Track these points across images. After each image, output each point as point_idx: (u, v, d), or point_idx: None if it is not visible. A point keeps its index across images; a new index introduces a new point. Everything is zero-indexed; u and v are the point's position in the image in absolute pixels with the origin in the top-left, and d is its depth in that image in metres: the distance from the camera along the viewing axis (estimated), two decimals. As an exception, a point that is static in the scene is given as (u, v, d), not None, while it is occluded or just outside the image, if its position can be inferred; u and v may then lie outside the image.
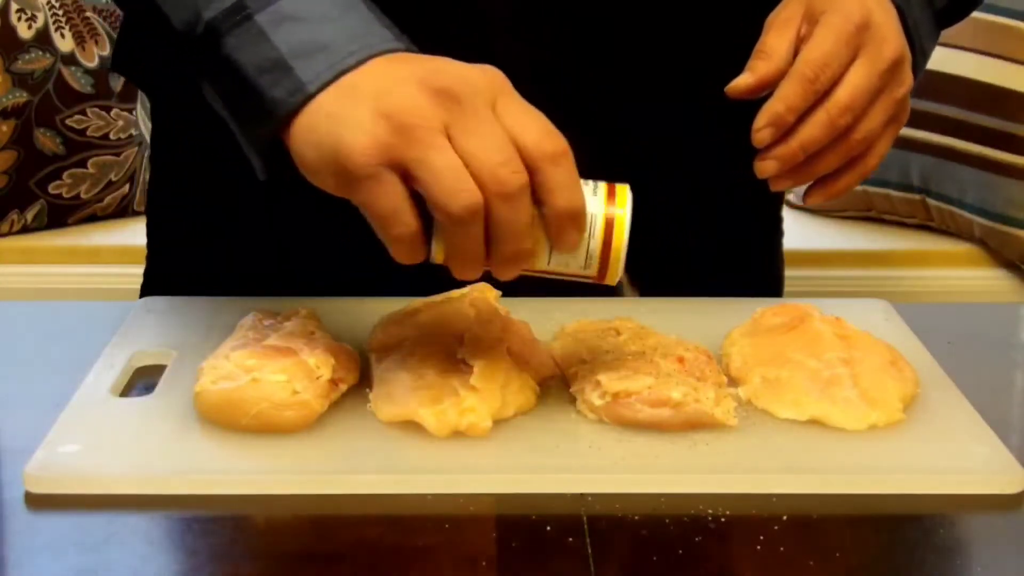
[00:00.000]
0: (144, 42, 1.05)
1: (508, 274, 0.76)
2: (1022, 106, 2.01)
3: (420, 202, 0.74)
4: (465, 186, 0.72)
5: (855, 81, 0.86)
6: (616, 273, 0.78)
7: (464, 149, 0.72)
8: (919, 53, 0.93)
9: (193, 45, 0.81)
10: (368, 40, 0.77)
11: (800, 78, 0.85)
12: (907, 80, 0.89)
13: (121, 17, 1.07)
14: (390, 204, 0.73)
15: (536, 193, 0.73)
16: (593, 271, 0.78)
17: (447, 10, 0.94)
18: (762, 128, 0.85)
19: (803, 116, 0.86)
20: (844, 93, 0.86)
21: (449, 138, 0.72)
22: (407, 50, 0.78)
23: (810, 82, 0.85)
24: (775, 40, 0.88)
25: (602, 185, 0.78)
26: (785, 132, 0.86)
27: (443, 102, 0.72)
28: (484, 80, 0.74)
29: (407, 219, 0.74)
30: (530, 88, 0.77)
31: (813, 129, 0.86)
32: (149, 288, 1.11)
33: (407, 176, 0.73)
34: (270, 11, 0.79)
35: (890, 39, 0.87)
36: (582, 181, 0.76)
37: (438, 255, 0.76)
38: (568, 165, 0.74)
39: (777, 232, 1.16)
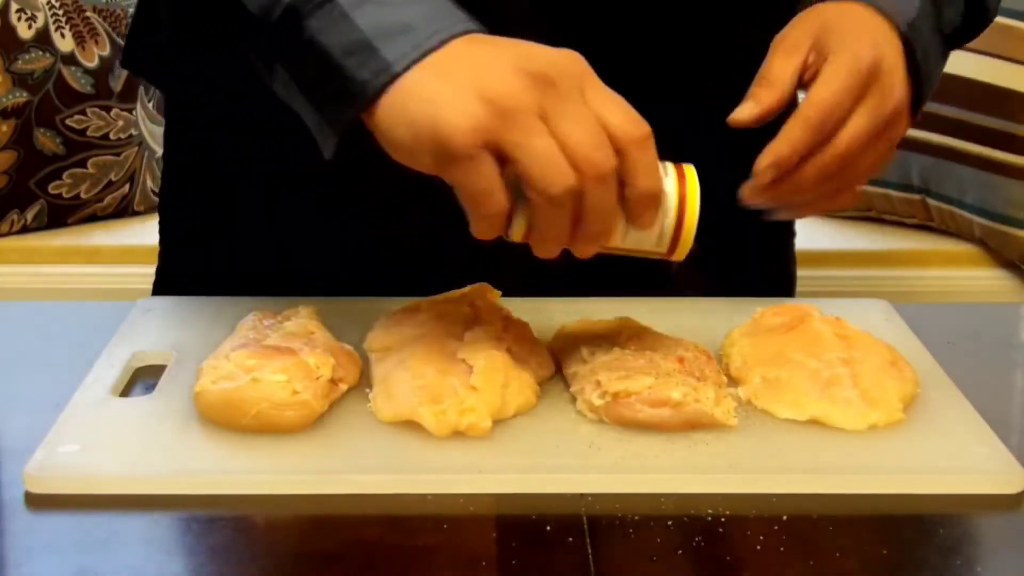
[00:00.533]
0: (159, 38, 1.05)
1: (588, 251, 0.79)
2: (1022, 106, 2.01)
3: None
4: (563, 169, 0.74)
5: (855, 131, 0.87)
6: (685, 249, 0.82)
7: (560, 133, 0.74)
8: (926, 83, 0.93)
9: (270, 30, 0.82)
10: (448, 21, 0.79)
11: (806, 123, 0.86)
12: (904, 128, 0.91)
13: (132, 14, 1.07)
14: (485, 184, 0.75)
15: (620, 175, 0.76)
16: (664, 247, 0.81)
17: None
18: (765, 168, 0.87)
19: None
20: (843, 141, 0.87)
21: (544, 121, 0.74)
22: (480, 31, 0.79)
23: (815, 128, 0.86)
24: (780, 67, 0.88)
25: (671, 166, 0.81)
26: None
27: (539, 86, 0.74)
28: (572, 65, 0.76)
29: (499, 199, 0.76)
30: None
31: (807, 172, 0.87)
32: (161, 286, 1.11)
33: (502, 157, 0.75)
34: None
35: (896, 86, 0.89)
36: None
37: (517, 233, 0.78)
38: (650, 148, 0.77)
39: (788, 232, 1.16)
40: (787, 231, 1.16)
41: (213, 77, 1.02)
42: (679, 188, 0.80)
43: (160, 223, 1.13)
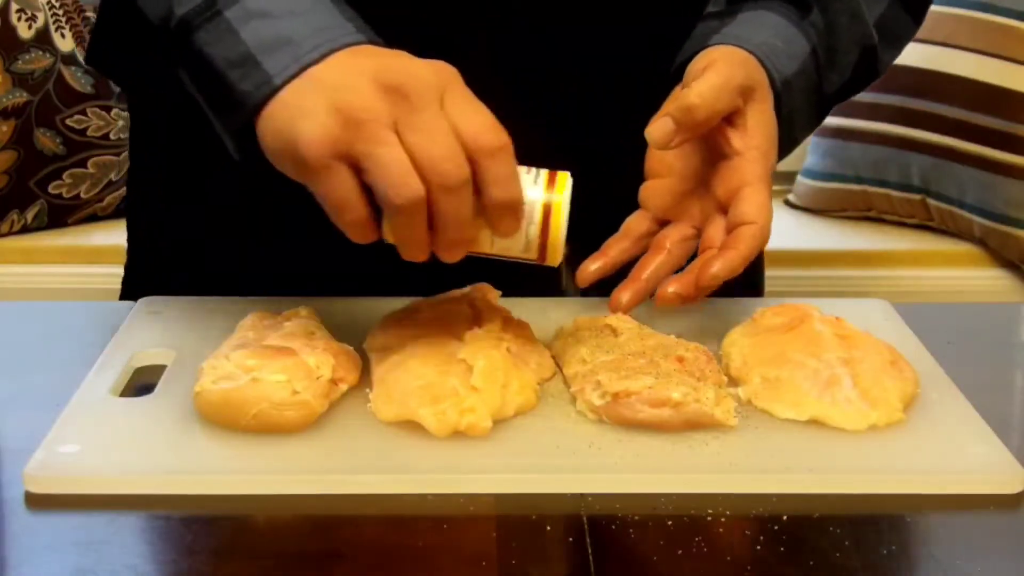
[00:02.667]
0: (119, 37, 1.06)
1: (452, 257, 0.80)
2: (1022, 106, 2.01)
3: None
4: (408, 180, 0.75)
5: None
6: (556, 256, 0.82)
7: (410, 144, 0.75)
8: (786, 141, 0.94)
9: (167, 38, 0.85)
10: (332, 33, 0.80)
11: (763, 242, 0.88)
12: None
13: (96, 12, 1.08)
14: (341, 193, 0.77)
15: (475, 184, 0.77)
16: (534, 254, 0.82)
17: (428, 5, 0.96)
18: (719, 277, 0.87)
19: None
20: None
21: (397, 133, 0.76)
22: (370, 42, 0.81)
23: (762, 244, 0.89)
24: (710, 101, 0.88)
25: (543, 172, 0.81)
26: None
27: (392, 98, 0.76)
28: (434, 75, 0.77)
29: (357, 207, 0.77)
30: (507, 80, 0.79)
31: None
32: (129, 289, 1.12)
33: (357, 167, 0.76)
34: (238, 7, 0.83)
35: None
36: (523, 169, 0.80)
37: (389, 236, 0.79)
38: (506, 158, 0.77)
39: None
40: None
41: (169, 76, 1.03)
42: (546, 195, 0.80)
43: (128, 224, 1.13)
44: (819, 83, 0.97)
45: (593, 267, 0.92)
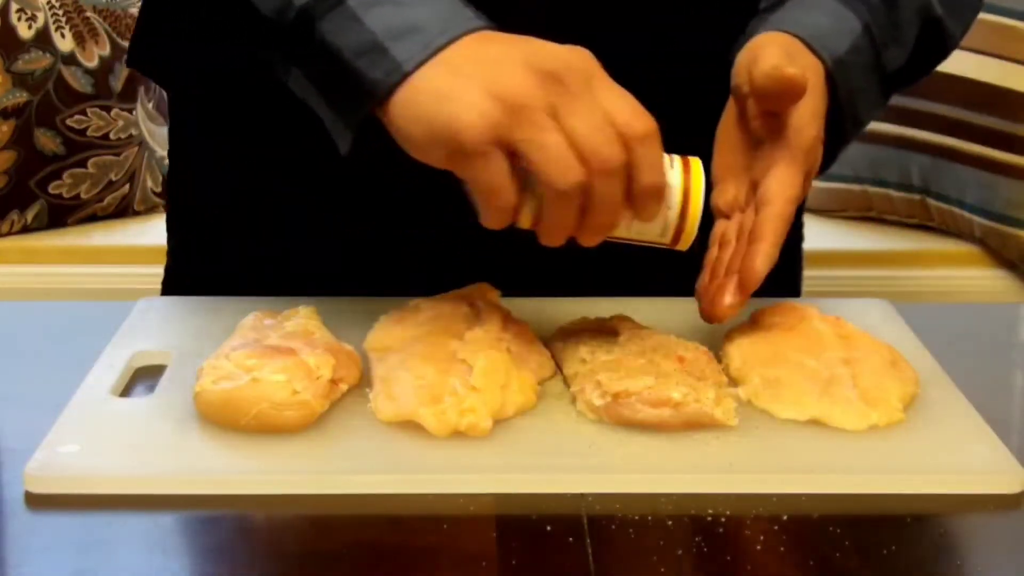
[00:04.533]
0: (164, 37, 1.05)
1: (593, 241, 0.81)
2: (1022, 106, 2.01)
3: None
4: (572, 164, 0.76)
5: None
6: (689, 240, 0.84)
7: (569, 128, 0.76)
8: (851, 122, 0.93)
9: (284, 32, 0.84)
10: (456, 20, 0.81)
11: (787, 221, 0.87)
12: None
13: (139, 12, 1.08)
14: (497, 180, 0.77)
15: (626, 169, 0.78)
16: (668, 238, 0.84)
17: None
18: (762, 274, 0.86)
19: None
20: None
21: (554, 117, 0.76)
22: (488, 28, 0.81)
23: (786, 223, 0.87)
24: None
25: (677, 159, 0.83)
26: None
27: (549, 84, 0.76)
28: (580, 61, 0.78)
29: (509, 194, 0.78)
30: None
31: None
32: (170, 286, 1.12)
33: (513, 153, 0.77)
34: None
35: (816, 167, 0.91)
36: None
37: (526, 221, 0.80)
38: (656, 144, 0.78)
39: (797, 234, 1.16)
40: (796, 232, 1.15)
41: (219, 76, 1.02)
42: (684, 181, 0.82)
43: (167, 223, 1.13)
44: (878, 60, 0.95)
45: (728, 298, 0.87)
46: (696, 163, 0.83)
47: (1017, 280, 2.08)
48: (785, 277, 1.14)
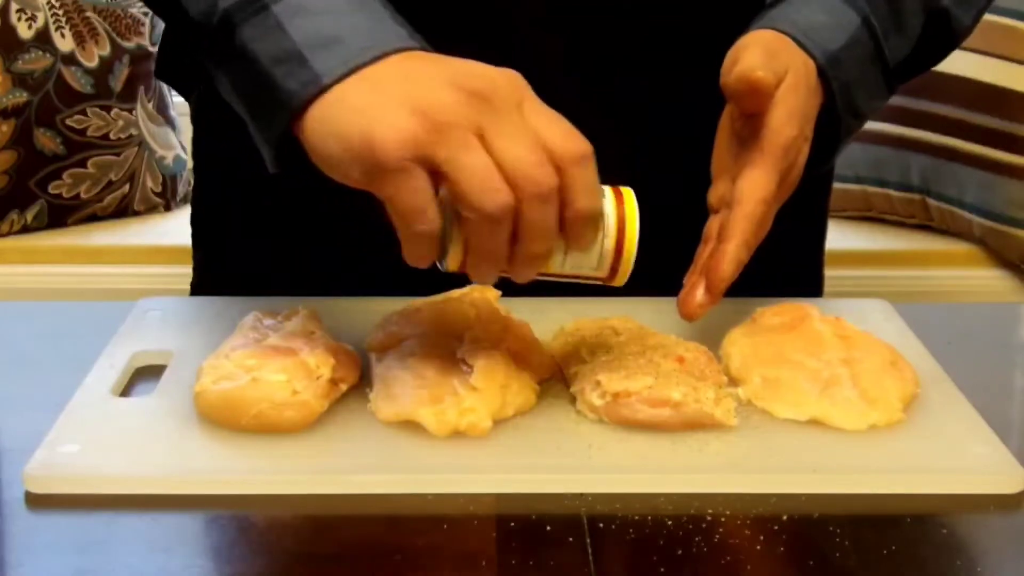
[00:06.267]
0: (183, 48, 1.06)
1: (526, 275, 0.77)
2: (1022, 106, 2.01)
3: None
4: (498, 185, 0.72)
5: (771, 219, 0.88)
6: (626, 274, 0.80)
7: (497, 150, 0.73)
8: (850, 115, 0.93)
9: (208, 35, 0.82)
10: (383, 37, 0.78)
11: (758, 221, 0.85)
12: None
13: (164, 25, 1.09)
14: (417, 200, 0.73)
15: (559, 193, 0.74)
16: (604, 271, 0.80)
17: (470, 6, 0.95)
18: (728, 275, 0.85)
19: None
20: (763, 235, 0.87)
21: (481, 138, 0.73)
22: (421, 49, 0.78)
23: (761, 225, 0.86)
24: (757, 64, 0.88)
25: (609, 189, 0.79)
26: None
27: (476, 103, 0.73)
28: (509, 83, 0.74)
29: (431, 216, 0.74)
30: (558, 81, 0.78)
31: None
32: (200, 290, 1.12)
33: (435, 175, 0.73)
34: (285, 3, 0.80)
35: (801, 165, 0.89)
36: None
37: (453, 262, 0.77)
38: (591, 167, 0.75)
39: (820, 233, 1.15)
40: (818, 232, 1.15)
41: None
42: (618, 210, 0.79)
43: (192, 228, 1.14)
44: (879, 52, 0.94)
45: (698, 297, 0.86)
46: (629, 193, 0.80)
47: (1017, 280, 2.08)
48: (807, 276, 1.14)
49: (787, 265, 1.08)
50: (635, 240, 0.79)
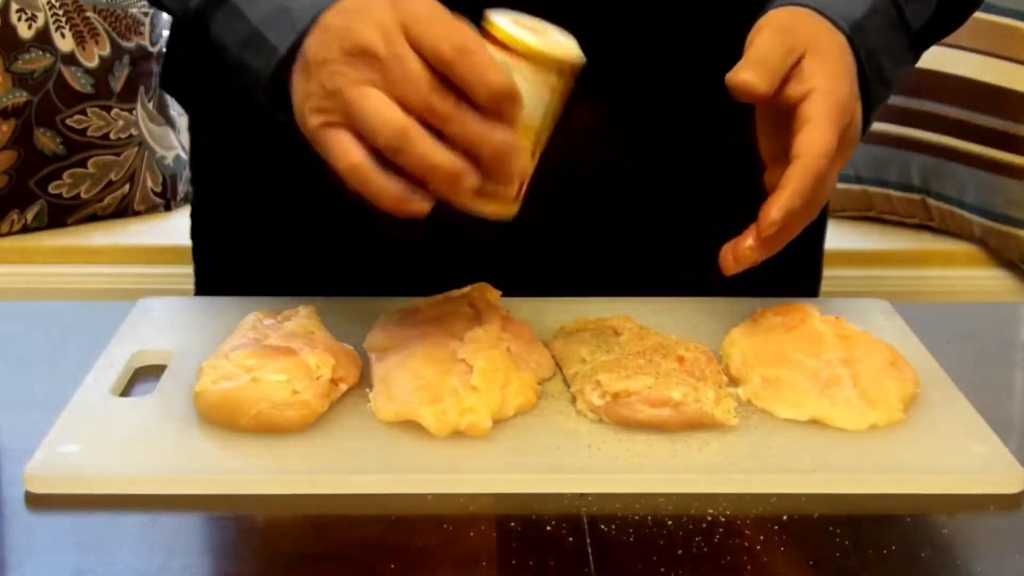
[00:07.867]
0: (187, 58, 1.06)
1: (507, 176, 0.77)
2: (1022, 106, 2.01)
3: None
4: (391, 113, 0.74)
5: (836, 176, 0.88)
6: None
7: (394, 96, 0.75)
8: (877, 83, 0.92)
9: (191, 31, 0.87)
10: None
11: (813, 173, 0.84)
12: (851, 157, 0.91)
13: (168, 36, 1.11)
14: (338, 147, 0.76)
15: (464, 87, 0.75)
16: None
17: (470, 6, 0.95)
18: (776, 221, 0.83)
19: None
20: (829, 188, 0.87)
21: (374, 84, 0.75)
22: None
23: (819, 179, 0.85)
24: (771, 50, 0.87)
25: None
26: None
27: (359, 62, 0.76)
28: (387, 11, 0.76)
29: (352, 151, 0.76)
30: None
31: (802, 218, 0.86)
32: (201, 290, 1.13)
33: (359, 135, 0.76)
34: None
35: (858, 123, 0.89)
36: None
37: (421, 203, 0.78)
38: (481, 50, 0.75)
39: (821, 231, 1.15)
40: (818, 232, 1.15)
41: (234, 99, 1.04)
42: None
43: (192, 229, 1.14)
44: (900, 17, 0.94)
45: (748, 240, 0.85)
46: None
47: (1017, 280, 2.08)
48: (806, 276, 1.13)
49: (787, 265, 1.08)
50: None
